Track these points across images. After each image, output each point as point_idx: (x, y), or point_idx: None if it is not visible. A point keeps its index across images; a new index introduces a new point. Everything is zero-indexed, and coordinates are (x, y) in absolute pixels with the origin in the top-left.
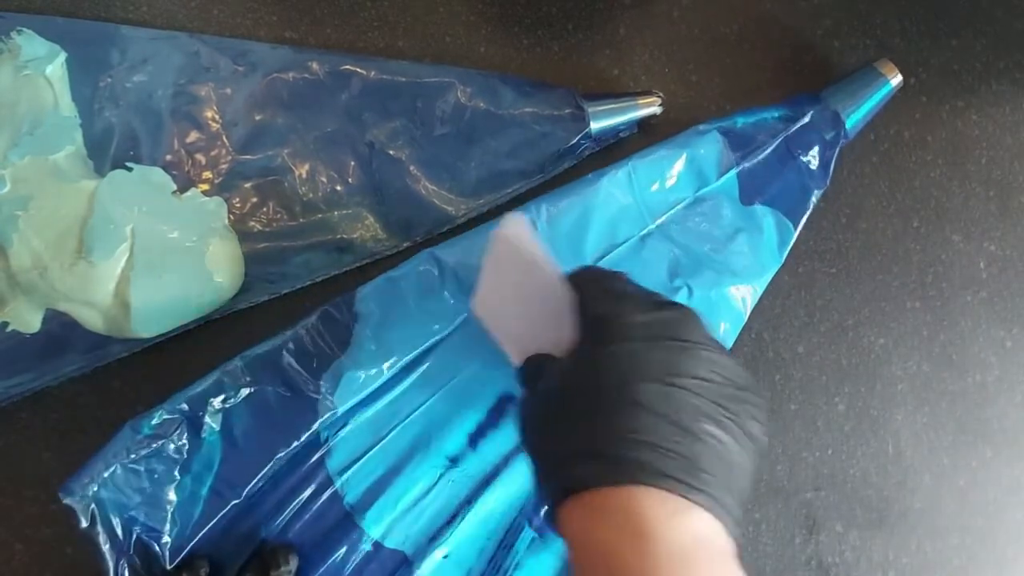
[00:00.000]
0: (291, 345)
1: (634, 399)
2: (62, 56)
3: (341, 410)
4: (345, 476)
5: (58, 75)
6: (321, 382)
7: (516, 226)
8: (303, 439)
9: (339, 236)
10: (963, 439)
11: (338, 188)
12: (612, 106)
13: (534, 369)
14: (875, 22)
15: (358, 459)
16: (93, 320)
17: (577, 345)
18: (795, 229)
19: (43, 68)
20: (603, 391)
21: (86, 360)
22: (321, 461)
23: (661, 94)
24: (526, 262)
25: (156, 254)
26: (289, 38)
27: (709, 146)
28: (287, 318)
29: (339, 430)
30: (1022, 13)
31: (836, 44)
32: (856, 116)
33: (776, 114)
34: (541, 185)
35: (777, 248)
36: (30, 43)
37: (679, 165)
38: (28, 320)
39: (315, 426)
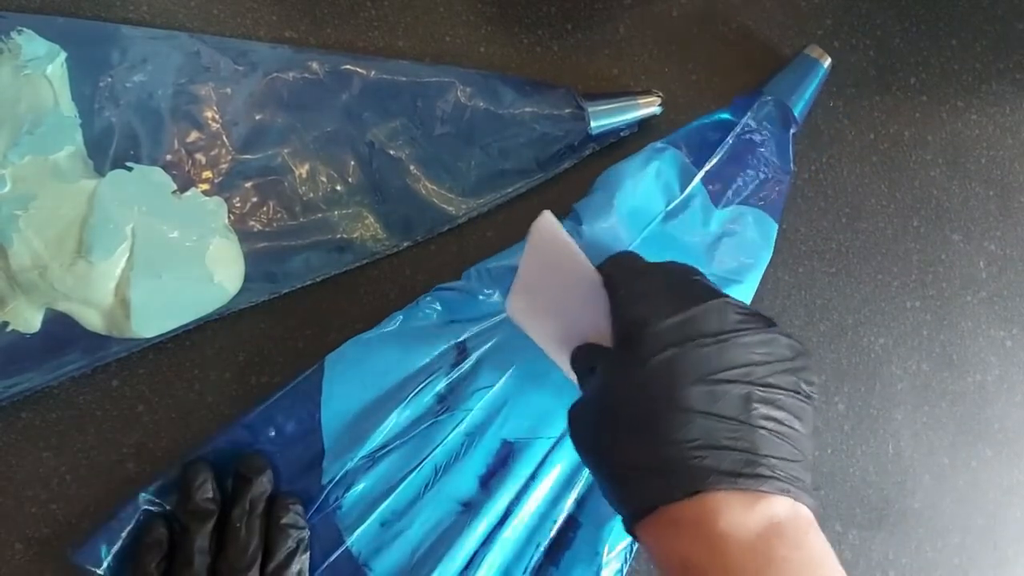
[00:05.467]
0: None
1: (683, 405)
2: (62, 56)
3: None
4: (356, 532)
5: (58, 75)
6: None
7: (549, 223)
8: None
9: (339, 236)
10: (963, 439)
11: (338, 188)
12: (612, 105)
13: (586, 363)
14: (875, 22)
15: (369, 513)
16: (93, 320)
17: (616, 347)
18: (775, 220)
19: (43, 68)
20: (651, 402)
21: (86, 360)
22: (331, 517)
23: (661, 93)
24: (561, 258)
25: (156, 254)
26: (289, 38)
27: (669, 159)
28: (287, 318)
29: (347, 490)
30: (1022, 13)
31: (836, 44)
32: (800, 103)
33: (723, 116)
34: (541, 184)
35: (761, 242)
36: (30, 43)
37: (648, 182)
38: (28, 320)
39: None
